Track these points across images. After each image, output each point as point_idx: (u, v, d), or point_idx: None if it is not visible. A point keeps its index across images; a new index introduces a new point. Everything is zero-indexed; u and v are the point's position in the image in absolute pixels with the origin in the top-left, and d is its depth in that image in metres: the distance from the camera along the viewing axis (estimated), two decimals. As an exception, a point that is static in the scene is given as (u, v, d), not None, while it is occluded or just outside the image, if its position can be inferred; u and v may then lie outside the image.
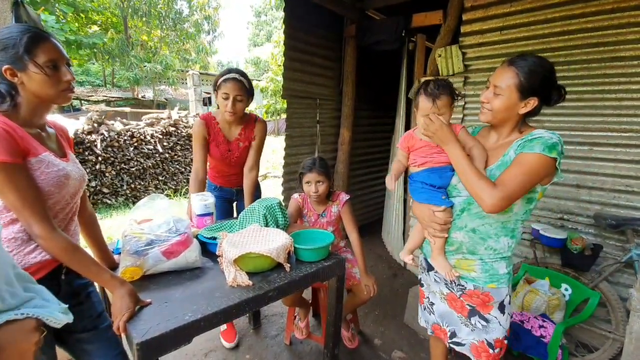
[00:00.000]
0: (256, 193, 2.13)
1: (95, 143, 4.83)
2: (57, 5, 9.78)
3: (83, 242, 1.24)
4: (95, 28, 13.11)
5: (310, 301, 2.33)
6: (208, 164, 2.10)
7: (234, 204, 2.32)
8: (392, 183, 1.39)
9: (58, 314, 0.72)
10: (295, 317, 2.24)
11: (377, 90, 3.99)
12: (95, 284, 1.25)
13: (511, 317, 1.38)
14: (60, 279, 1.11)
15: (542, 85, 1.13)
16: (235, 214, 2.29)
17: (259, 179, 2.36)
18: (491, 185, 1.12)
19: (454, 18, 2.55)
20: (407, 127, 3.22)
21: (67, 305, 0.76)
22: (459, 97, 1.33)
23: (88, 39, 11.19)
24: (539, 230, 2.10)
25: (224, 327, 2.22)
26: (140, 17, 14.61)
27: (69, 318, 0.75)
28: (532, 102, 1.15)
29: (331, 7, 3.09)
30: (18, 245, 1.00)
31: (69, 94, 1.06)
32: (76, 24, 11.57)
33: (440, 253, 1.34)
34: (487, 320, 1.31)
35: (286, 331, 2.24)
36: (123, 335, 1.09)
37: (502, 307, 1.29)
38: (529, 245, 2.27)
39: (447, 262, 1.33)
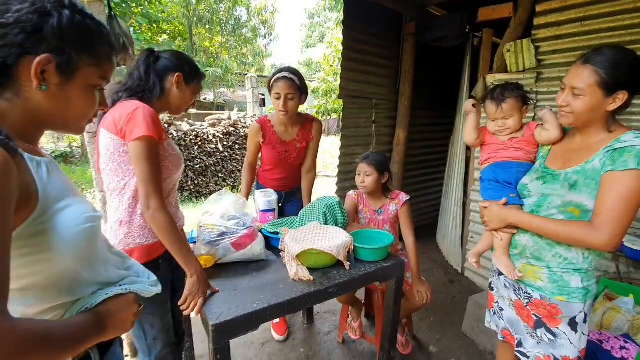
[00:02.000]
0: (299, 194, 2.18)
1: (166, 142, 5.29)
2: (133, 17, 10.86)
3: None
4: (165, 37, 14.32)
5: (363, 302, 2.33)
6: (262, 166, 2.16)
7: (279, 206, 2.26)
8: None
9: (150, 287, 0.83)
10: (348, 316, 2.26)
11: (435, 88, 3.86)
12: None
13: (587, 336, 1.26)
14: None
15: (630, 77, 1.02)
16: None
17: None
18: (585, 226, 1.05)
19: (526, 10, 2.38)
20: (469, 127, 3.07)
21: (155, 278, 0.87)
22: (530, 101, 1.34)
23: (159, 47, 12.28)
24: (623, 242, 1.88)
25: (276, 319, 2.31)
26: (204, 24, 15.67)
27: (158, 289, 0.85)
28: (622, 97, 1.03)
29: (390, 5, 3.06)
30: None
31: (183, 112, 1.38)
32: (149, 34, 12.74)
33: (505, 253, 1.29)
34: (554, 335, 1.21)
35: (339, 329, 2.26)
36: (198, 317, 1.20)
37: (573, 324, 1.18)
38: (611, 259, 2.04)
39: (510, 261, 1.28)
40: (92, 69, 0.67)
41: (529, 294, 1.26)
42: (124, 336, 1.60)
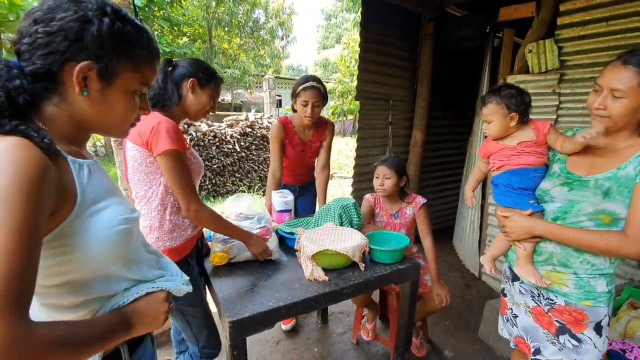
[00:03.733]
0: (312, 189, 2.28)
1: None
2: (155, 20, 11.16)
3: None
4: (185, 39, 14.61)
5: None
6: None
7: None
8: (470, 194, 1.50)
9: (182, 286, 0.84)
10: (363, 317, 2.26)
11: (453, 90, 3.81)
12: None
13: (610, 342, 1.23)
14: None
15: None
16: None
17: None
18: (620, 236, 1.03)
19: (549, 9, 2.32)
20: (488, 129, 3.01)
21: (188, 278, 0.88)
22: (526, 112, 1.27)
23: (180, 49, 12.54)
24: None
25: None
26: (223, 27, 15.93)
27: (189, 288, 0.86)
28: None
29: (409, 6, 3.04)
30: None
31: (202, 118, 1.41)
32: (170, 37, 13.04)
33: (528, 261, 1.25)
34: (579, 340, 1.18)
35: (353, 330, 2.27)
36: (216, 314, 1.24)
37: (598, 328, 1.16)
38: (637, 266, 1.96)
39: (536, 269, 1.23)
40: (132, 74, 0.68)
41: (552, 300, 1.23)
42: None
